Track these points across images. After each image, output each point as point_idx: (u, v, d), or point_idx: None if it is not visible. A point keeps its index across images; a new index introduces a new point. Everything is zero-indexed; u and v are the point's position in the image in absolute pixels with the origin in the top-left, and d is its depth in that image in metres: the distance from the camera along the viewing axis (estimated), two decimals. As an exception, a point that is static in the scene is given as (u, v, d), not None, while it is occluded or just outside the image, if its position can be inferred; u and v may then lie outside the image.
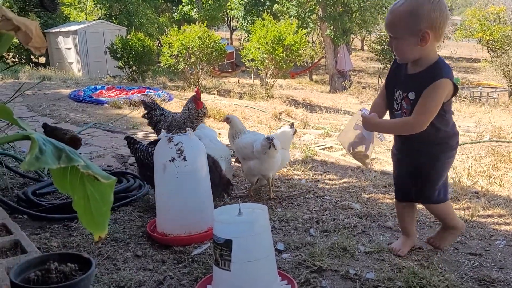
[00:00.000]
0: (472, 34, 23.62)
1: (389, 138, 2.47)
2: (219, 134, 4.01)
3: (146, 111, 4.16)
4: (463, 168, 3.69)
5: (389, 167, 3.97)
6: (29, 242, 1.90)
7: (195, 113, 3.78)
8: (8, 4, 17.80)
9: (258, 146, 2.87)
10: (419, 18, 1.76)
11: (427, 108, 1.83)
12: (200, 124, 3.63)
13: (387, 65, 25.84)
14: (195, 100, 3.79)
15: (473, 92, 17.07)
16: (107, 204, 1.16)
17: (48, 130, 3.59)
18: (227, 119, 3.17)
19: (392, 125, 2.01)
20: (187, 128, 2.48)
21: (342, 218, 2.61)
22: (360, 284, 1.85)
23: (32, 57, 19.78)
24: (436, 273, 1.90)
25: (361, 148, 2.10)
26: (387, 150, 4.96)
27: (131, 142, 2.94)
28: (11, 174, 3.39)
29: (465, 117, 8.15)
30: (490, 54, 21.88)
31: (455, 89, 1.86)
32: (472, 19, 23.17)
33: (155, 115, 4.11)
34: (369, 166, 2.44)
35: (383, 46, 25.13)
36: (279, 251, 2.16)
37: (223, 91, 13.80)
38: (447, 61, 1.93)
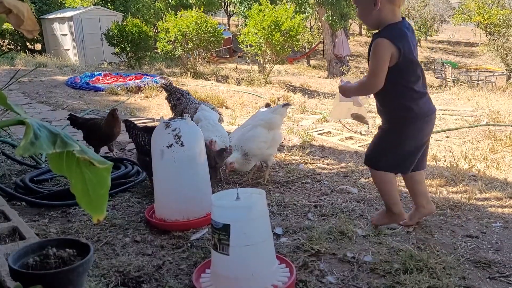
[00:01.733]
0: (471, 18, 23.43)
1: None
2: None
3: (167, 94, 4.13)
4: (460, 152, 3.70)
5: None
6: (27, 229, 1.90)
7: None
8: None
9: (276, 114, 3.03)
10: None
11: (370, 68, 1.98)
12: (200, 106, 3.60)
13: (385, 50, 25.67)
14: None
15: (471, 76, 17.02)
16: (104, 187, 1.16)
17: (80, 122, 3.52)
18: (231, 165, 2.90)
19: (355, 87, 2.14)
20: (184, 114, 2.47)
21: (340, 202, 2.62)
22: (358, 267, 1.87)
23: (27, 44, 19.57)
24: (433, 255, 1.91)
25: (354, 111, 2.44)
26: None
27: (131, 126, 2.92)
28: (8, 162, 3.38)
29: (463, 101, 8.14)
30: (488, 38, 21.75)
31: (400, 52, 1.90)
32: (471, 2, 22.94)
33: (172, 99, 4.07)
34: (368, 123, 2.81)
35: (381, 31, 24.91)
36: (278, 235, 2.17)
37: (220, 77, 13.72)
38: (444, 45, 1.95)
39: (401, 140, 2.07)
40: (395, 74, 1.96)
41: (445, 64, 19.09)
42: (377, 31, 2.01)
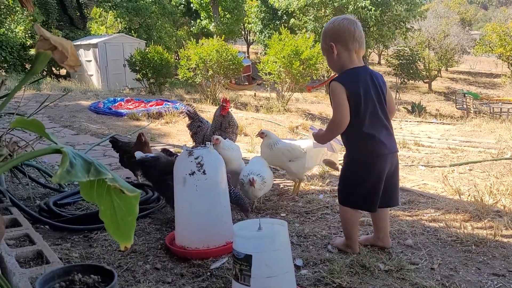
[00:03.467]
0: (492, 50, 23.38)
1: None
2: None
3: (189, 121, 4.18)
4: (484, 186, 3.63)
5: (408, 184, 3.93)
6: (51, 253, 1.93)
7: (218, 121, 3.77)
8: (32, 18, 18.29)
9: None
10: (325, 36, 2.25)
11: (333, 107, 2.19)
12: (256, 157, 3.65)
13: (405, 80, 25.75)
14: (221, 106, 3.79)
15: (493, 108, 16.85)
16: (132, 214, 1.18)
17: (119, 145, 3.70)
18: (262, 134, 3.32)
19: (326, 129, 2.32)
20: (207, 142, 2.50)
21: (360, 234, 2.58)
22: (381, 303, 1.82)
23: (53, 69, 20.22)
24: (459, 293, 1.86)
25: (327, 157, 2.70)
26: (406, 166, 4.91)
27: (170, 155, 3.00)
28: (33, 184, 3.45)
29: (485, 133, 8.02)
30: (510, 69, 21.58)
31: (349, 92, 2.12)
32: (492, 34, 22.95)
33: (193, 126, 4.12)
34: (339, 169, 2.88)
35: (400, 61, 25.04)
36: (298, 267, 2.15)
37: (239, 104, 13.88)
38: (465, 76, 2.01)
39: (356, 180, 2.24)
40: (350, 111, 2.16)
41: (466, 95, 18.96)
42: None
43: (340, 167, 2.67)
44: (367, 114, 2.15)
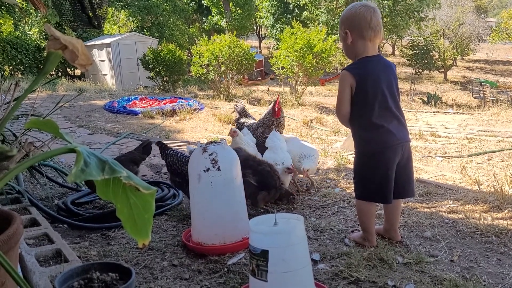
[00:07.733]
0: (509, 36, 22.90)
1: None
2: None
3: (237, 117, 4.21)
4: (504, 176, 3.56)
5: (425, 175, 3.88)
6: (70, 251, 1.95)
7: (269, 120, 3.80)
8: (46, 20, 18.52)
9: None
10: (342, 22, 2.23)
11: (337, 95, 2.23)
12: (272, 132, 3.61)
13: (420, 70, 25.43)
14: (273, 108, 3.83)
15: (511, 96, 16.53)
16: (149, 212, 1.19)
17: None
18: (234, 133, 3.41)
19: None
20: (220, 139, 2.51)
21: (377, 227, 2.56)
22: (400, 296, 1.81)
23: (68, 69, 20.46)
24: (479, 285, 1.83)
25: None
26: (422, 157, 4.85)
27: (162, 147, 3.03)
28: (51, 184, 3.50)
29: (503, 122, 7.87)
30: (528, 56, 21.08)
31: (357, 82, 2.12)
32: (508, 21, 22.47)
33: (238, 123, 4.15)
34: None
35: (414, 51, 24.71)
36: (315, 262, 2.14)
37: (253, 99, 13.86)
38: (481, 64, 1.98)
39: (367, 172, 2.23)
40: (353, 104, 2.18)
41: (483, 83, 18.66)
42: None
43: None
44: (376, 104, 2.13)
